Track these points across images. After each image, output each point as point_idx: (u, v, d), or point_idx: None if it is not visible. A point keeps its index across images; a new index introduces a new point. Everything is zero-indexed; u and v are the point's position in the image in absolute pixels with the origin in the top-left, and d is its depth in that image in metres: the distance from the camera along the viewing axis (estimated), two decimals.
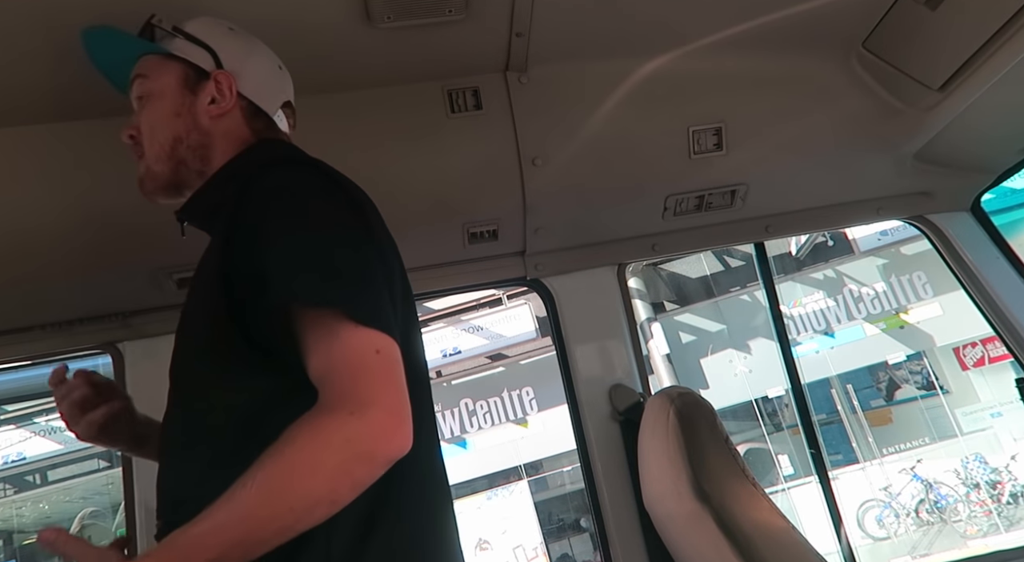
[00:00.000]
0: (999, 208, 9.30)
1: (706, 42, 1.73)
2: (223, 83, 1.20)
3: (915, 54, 1.74)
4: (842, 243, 10.77)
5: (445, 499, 1.09)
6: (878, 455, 10.89)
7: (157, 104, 1.21)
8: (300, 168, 1.07)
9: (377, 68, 1.64)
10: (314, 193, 1.02)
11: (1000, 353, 9.82)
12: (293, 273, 0.93)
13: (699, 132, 1.84)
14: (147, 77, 1.22)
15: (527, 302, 10.46)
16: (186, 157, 1.19)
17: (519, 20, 1.55)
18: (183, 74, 1.21)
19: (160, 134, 1.19)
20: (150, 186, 1.22)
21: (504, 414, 10.88)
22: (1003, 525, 9.69)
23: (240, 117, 1.22)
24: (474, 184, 1.81)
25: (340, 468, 0.86)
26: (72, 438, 5.00)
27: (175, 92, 1.21)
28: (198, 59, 1.22)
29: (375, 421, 0.87)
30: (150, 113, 1.21)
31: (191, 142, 1.19)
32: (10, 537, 11.09)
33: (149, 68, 1.23)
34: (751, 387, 10.54)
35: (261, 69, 1.27)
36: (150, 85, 1.22)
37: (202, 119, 1.20)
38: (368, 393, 0.88)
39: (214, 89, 1.20)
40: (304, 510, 0.85)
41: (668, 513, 1.66)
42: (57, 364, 1.30)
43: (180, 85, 1.21)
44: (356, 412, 0.86)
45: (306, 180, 1.04)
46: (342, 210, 1.03)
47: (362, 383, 0.89)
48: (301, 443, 0.86)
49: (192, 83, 1.21)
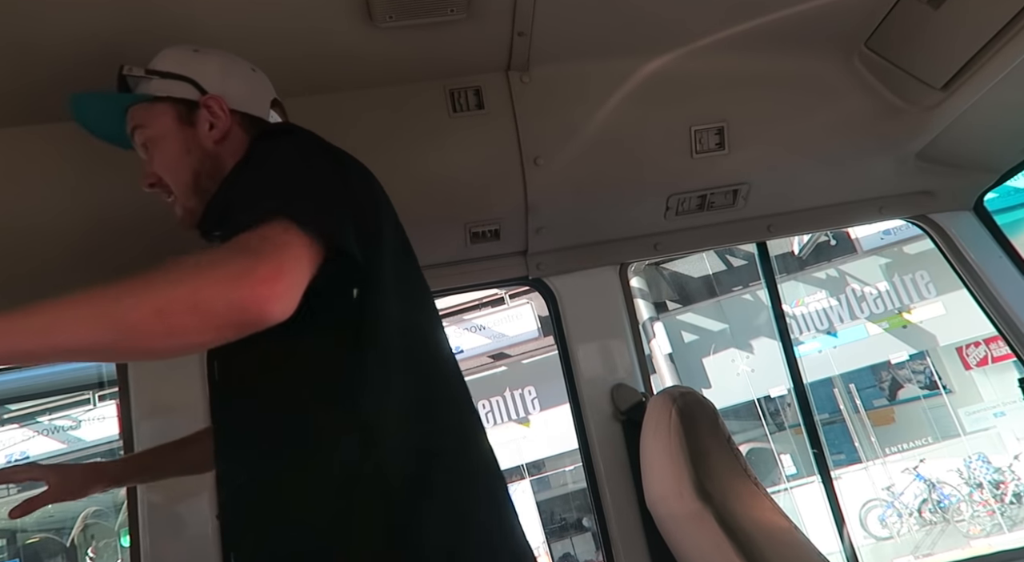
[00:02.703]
0: (1002, 207, 9.28)
1: (708, 41, 1.73)
2: (214, 106, 1.22)
3: (918, 53, 1.74)
4: (845, 242, 10.76)
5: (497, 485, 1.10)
6: (881, 455, 10.88)
7: (164, 147, 1.23)
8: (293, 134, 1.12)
9: (379, 68, 1.64)
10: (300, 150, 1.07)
11: (1003, 352, 9.79)
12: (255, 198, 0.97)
13: (701, 131, 1.84)
14: (144, 126, 1.24)
15: (529, 301, 10.46)
16: (208, 186, 1.22)
17: (521, 19, 1.55)
18: (175, 112, 1.23)
19: (181, 174, 1.22)
20: (190, 222, 1.24)
21: (506, 413, 10.89)
22: (1006, 525, 9.67)
23: (239, 131, 1.24)
24: (476, 184, 1.81)
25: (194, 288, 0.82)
26: (75, 437, 5.09)
27: (175, 131, 1.22)
28: (182, 92, 1.23)
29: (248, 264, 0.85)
30: (162, 157, 1.23)
31: (207, 171, 1.22)
32: (13, 536, 11.11)
33: (142, 117, 1.25)
34: (753, 386, 10.54)
35: (239, 79, 1.29)
36: (150, 132, 1.24)
37: (208, 146, 1.22)
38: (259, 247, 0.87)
39: (208, 115, 1.22)
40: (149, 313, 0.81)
41: (670, 513, 1.66)
42: None
43: (177, 123, 1.23)
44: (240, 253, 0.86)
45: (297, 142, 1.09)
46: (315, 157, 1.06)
47: (258, 242, 0.88)
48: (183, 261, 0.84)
49: (186, 117, 1.23)
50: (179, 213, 1.25)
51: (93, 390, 10.20)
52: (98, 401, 10.36)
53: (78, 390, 10.25)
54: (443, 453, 1.02)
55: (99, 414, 10.28)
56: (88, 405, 10.44)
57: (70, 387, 10.15)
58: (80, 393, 10.32)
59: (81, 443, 10.41)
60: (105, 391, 9.94)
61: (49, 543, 11.18)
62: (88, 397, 10.38)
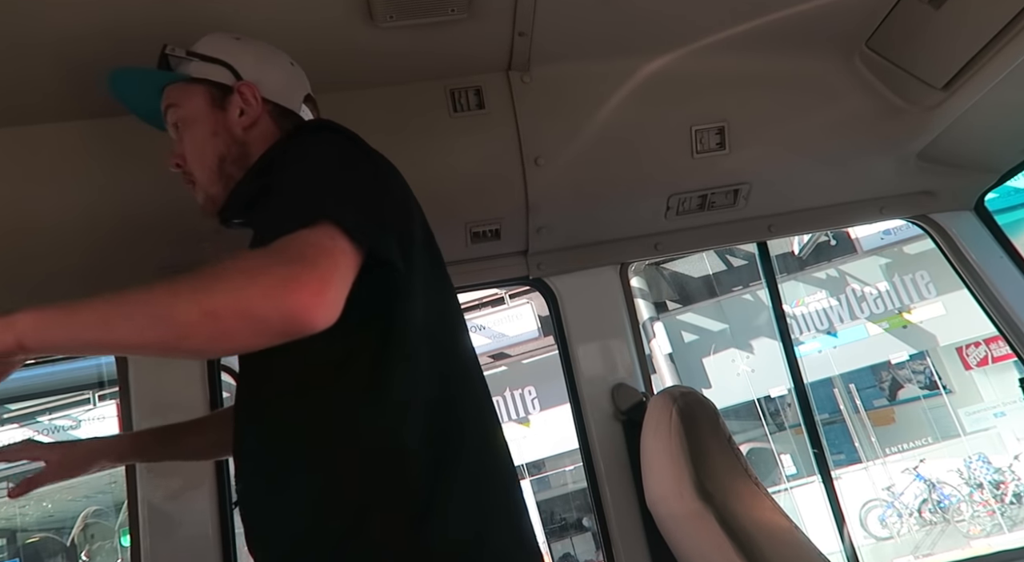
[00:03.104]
0: (1002, 207, 9.28)
1: (709, 41, 1.73)
2: (247, 93, 1.23)
3: (918, 53, 1.74)
4: (845, 242, 10.76)
5: (512, 484, 1.11)
6: (881, 455, 10.88)
7: (194, 129, 1.24)
8: (336, 132, 1.12)
9: (379, 67, 1.64)
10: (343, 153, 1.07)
11: (1003, 352, 9.80)
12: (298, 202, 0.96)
13: (702, 131, 1.84)
14: (178, 105, 1.25)
15: (529, 301, 10.46)
16: (232, 172, 1.22)
17: (522, 19, 1.55)
18: (209, 94, 1.24)
19: (206, 157, 1.23)
20: (211, 208, 1.25)
21: (506, 413, 10.89)
22: (1006, 525, 9.67)
23: (269, 120, 1.25)
24: (476, 183, 1.81)
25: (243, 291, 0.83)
26: (75, 437, 5.10)
27: (206, 113, 1.24)
28: (218, 76, 1.24)
29: (294, 270, 0.85)
30: (191, 138, 1.24)
31: (233, 156, 1.22)
32: (13, 535, 11.12)
33: (177, 96, 1.26)
34: (754, 386, 10.54)
35: (276, 70, 1.30)
36: (182, 112, 1.25)
37: (237, 132, 1.23)
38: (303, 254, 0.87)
39: (240, 101, 1.23)
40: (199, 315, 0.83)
41: (670, 512, 1.66)
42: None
43: (209, 105, 1.24)
44: (284, 260, 0.86)
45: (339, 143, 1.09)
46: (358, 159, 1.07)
47: (302, 248, 0.88)
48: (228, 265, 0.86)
49: (219, 101, 1.24)
50: (200, 200, 1.26)
51: (93, 390, 10.20)
52: (98, 401, 10.35)
53: (78, 390, 10.25)
54: (464, 451, 1.03)
55: (99, 414, 10.28)
56: (88, 405, 10.44)
57: (70, 387, 10.14)
58: (80, 393, 10.32)
59: None
60: (105, 391, 9.93)
61: (49, 542, 11.19)
62: (88, 397, 10.38)
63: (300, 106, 1.30)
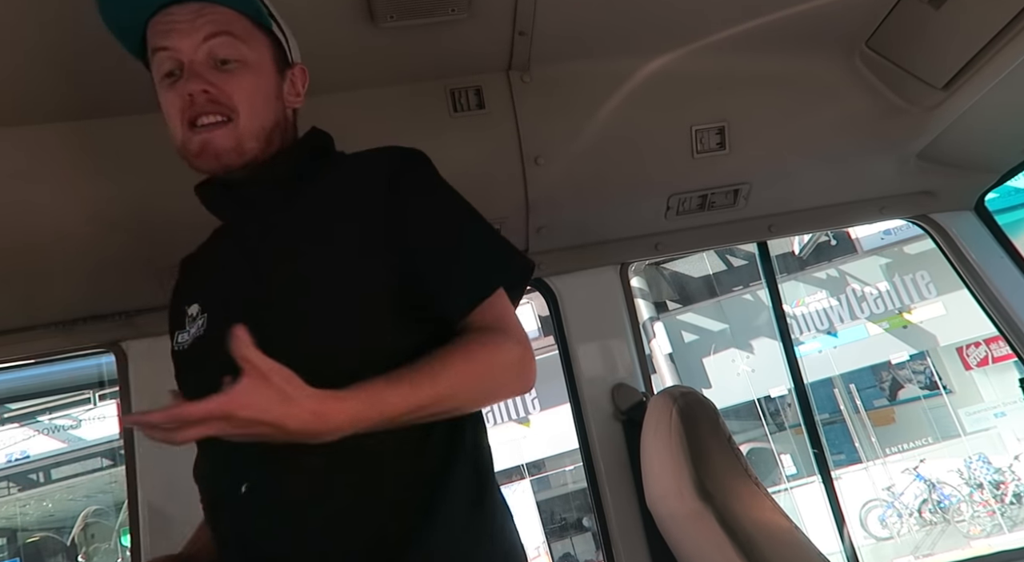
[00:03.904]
0: (1003, 207, 9.27)
1: (709, 41, 1.73)
2: (298, 79, 1.18)
3: (919, 53, 1.74)
4: (845, 242, 10.76)
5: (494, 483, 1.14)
6: (881, 455, 10.89)
7: (257, 78, 1.09)
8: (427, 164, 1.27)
9: (380, 67, 1.64)
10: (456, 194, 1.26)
11: (1004, 353, 9.79)
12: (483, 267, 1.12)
13: (702, 131, 1.84)
14: (242, 39, 1.08)
15: (529, 301, 10.45)
16: (275, 140, 1.12)
17: (522, 19, 1.55)
18: (275, 54, 1.13)
19: (263, 113, 1.10)
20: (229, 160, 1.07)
21: (506, 413, 10.89)
22: (1006, 525, 9.67)
23: (293, 115, 1.20)
24: (476, 183, 1.80)
25: (506, 374, 1.04)
26: (75, 436, 5.06)
27: (271, 71, 1.12)
28: (288, 45, 1.16)
29: (528, 353, 1.07)
30: (248, 84, 1.08)
31: (282, 127, 1.14)
32: (14, 535, 11.13)
33: (241, 29, 1.08)
34: (754, 386, 10.54)
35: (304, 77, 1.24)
36: (246, 51, 1.08)
37: (286, 108, 1.16)
38: (521, 334, 1.08)
39: (293, 81, 1.16)
40: (471, 400, 1.03)
41: (670, 512, 1.66)
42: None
43: (274, 65, 1.12)
44: (521, 343, 1.06)
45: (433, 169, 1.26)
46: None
47: (516, 328, 1.08)
48: (488, 351, 1.02)
49: (281, 67, 1.14)
50: (227, 145, 1.06)
51: (93, 389, 10.21)
52: (98, 400, 10.37)
53: (78, 389, 10.26)
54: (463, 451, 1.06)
55: (99, 413, 10.30)
56: (88, 404, 10.45)
57: (70, 386, 10.15)
58: (80, 392, 10.33)
59: (81, 442, 10.43)
60: (105, 390, 9.94)
61: (49, 542, 11.20)
62: (88, 396, 10.39)
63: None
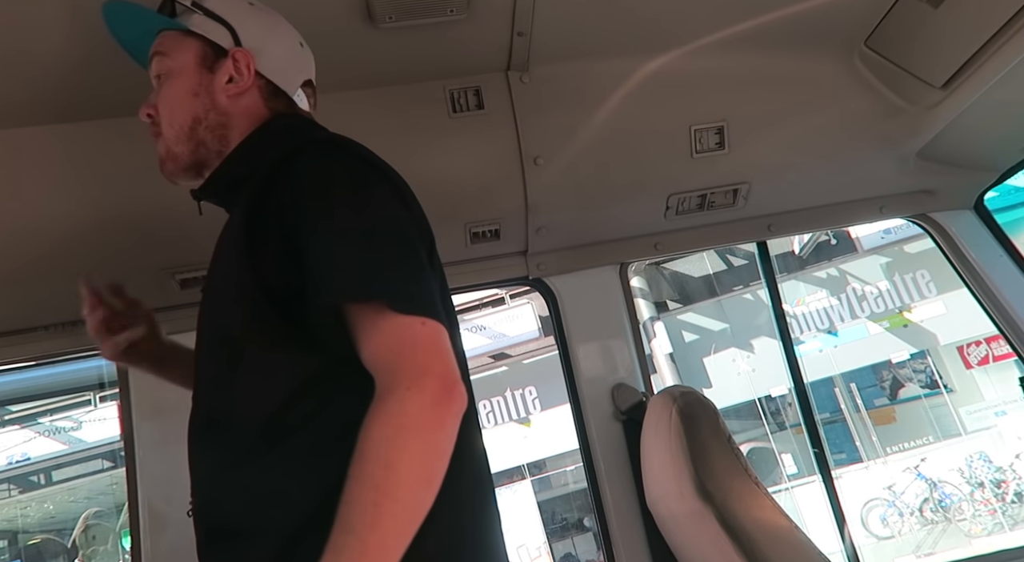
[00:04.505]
0: (1002, 206, 9.27)
1: (708, 41, 1.73)
2: (240, 61, 1.17)
3: (917, 52, 1.74)
4: (845, 242, 10.76)
5: (490, 491, 1.09)
6: (882, 454, 10.88)
7: (175, 83, 1.18)
8: (346, 152, 1.07)
9: (379, 68, 1.64)
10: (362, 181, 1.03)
11: (1004, 351, 9.79)
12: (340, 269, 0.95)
13: (701, 131, 1.84)
14: (165, 55, 1.19)
15: (530, 301, 10.46)
16: (205, 138, 1.17)
17: (520, 19, 1.55)
18: (200, 52, 1.18)
19: (179, 115, 1.17)
20: (171, 167, 1.20)
21: (507, 413, 10.89)
22: (1007, 524, 9.67)
23: (258, 96, 1.19)
24: (476, 184, 1.81)
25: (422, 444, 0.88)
26: (76, 438, 5.06)
27: (192, 71, 1.17)
28: (216, 36, 1.18)
29: (431, 389, 0.89)
30: (168, 92, 1.18)
31: (209, 122, 1.17)
32: (15, 537, 11.12)
33: (168, 45, 1.19)
34: (754, 386, 10.54)
35: (281, 47, 1.24)
36: (168, 63, 1.18)
37: (220, 98, 1.17)
38: (417, 365, 0.91)
39: (231, 67, 1.17)
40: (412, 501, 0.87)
41: (671, 512, 1.66)
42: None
43: (197, 63, 1.17)
44: (412, 386, 0.89)
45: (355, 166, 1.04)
46: (389, 201, 1.04)
47: (409, 357, 0.91)
48: (381, 438, 0.88)
49: (210, 61, 1.18)
50: (161, 152, 1.20)
51: (94, 391, 10.22)
52: (99, 402, 10.37)
53: (79, 391, 10.27)
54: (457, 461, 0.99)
55: (100, 415, 10.29)
56: (89, 406, 10.45)
57: (71, 388, 10.16)
58: (81, 394, 10.34)
59: (82, 444, 10.43)
60: (106, 392, 9.95)
61: (50, 544, 11.18)
62: (89, 398, 10.40)
63: (296, 90, 1.25)
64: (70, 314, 1.80)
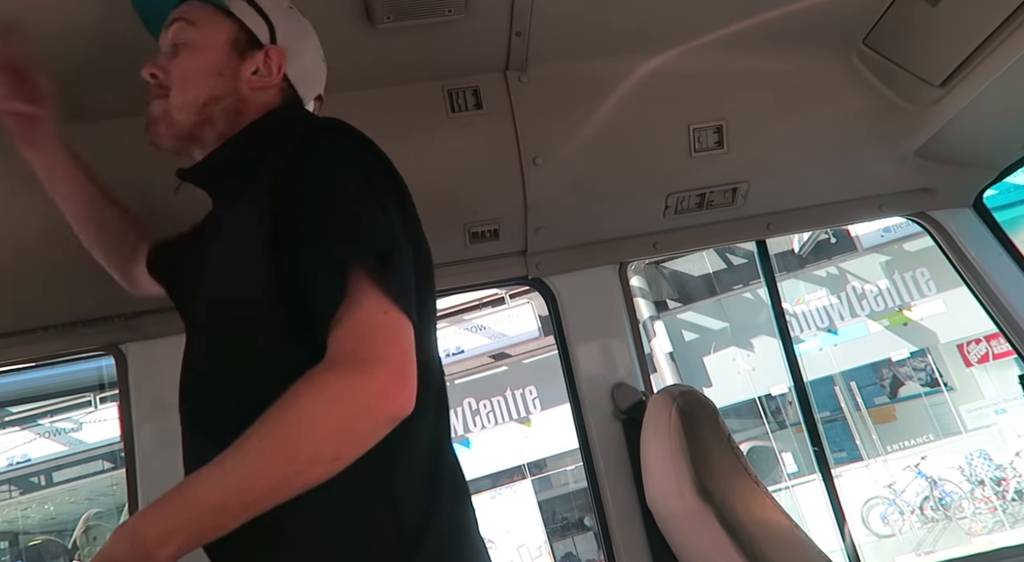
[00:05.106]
0: (1002, 204, 9.28)
1: (706, 40, 1.73)
2: (274, 60, 1.18)
3: (916, 50, 1.74)
4: (845, 240, 10.76)
5: (466, 497, 1.09)
6: (882, 452, 10.88)
7: (199, 56, 1.16)
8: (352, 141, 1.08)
9: (377, 68, 1.64)
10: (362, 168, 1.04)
11: (1004, 349, 9.79)
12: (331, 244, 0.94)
13: (700, 130, 1.84)
14: (193, 24, 1.17)
15: (529, 301, 10.46)
16: (216, 117, 1.15)
17: (519, 19, 1.55)
18: (235, 35, 1.17)
19: (195, 86, 1.15)
20: (163, 130, 1.17)
21: (507, 413, 10.89)
22: (1008, 522, 9.67)
23: (278, 96, 1.20)
24: (475, 184, 1.81)
25: (343, 423, 0.86)
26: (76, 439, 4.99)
27: (222, 51, 1.16)
28: (255, 27, 1.18)
29: (380, 379, 0.87)
30: (187, 62, 1.16)
31: (226, 105, 1.16)
32: (16, 538, 11.12)
33: (198, 16, 1.17)
34: (754, 385, 10.54)
35: (310, 57, 1.26)
36: (194, 34, 1.16)
37: (242, 86, 1.17)
38: (374, 352, 0.89)
39: (262, 61, 1.17)
40: (305, 463, 0.85)
41: (671, 511, 1.66)
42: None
43: (229, 45, 1.17)
44: (363, 370, 0.87)
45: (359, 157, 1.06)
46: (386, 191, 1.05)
47: (369, 342, 0.89)
48: (307, 397, 0.86)
49: (242, 47, 1.17)
50: (157, 112, 1.17)
51: (94, 392, 10.21)
52: (99, 403, 10.37)
53: (79, 392, 10.26)
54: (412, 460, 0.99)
55: (100, 416, 10.29)
56: (89, 407, 10.45)
57: (71, 389, 10.16)
58: (81, 395, 10.33)
59: (82, 445, 10.43)
60: (106, 393, 9.95)
61: (51, 545, 11.19)
62: (89, 399, 10.39)
63: (310, 101, 1.27)
64: (70, 315, 1.80)
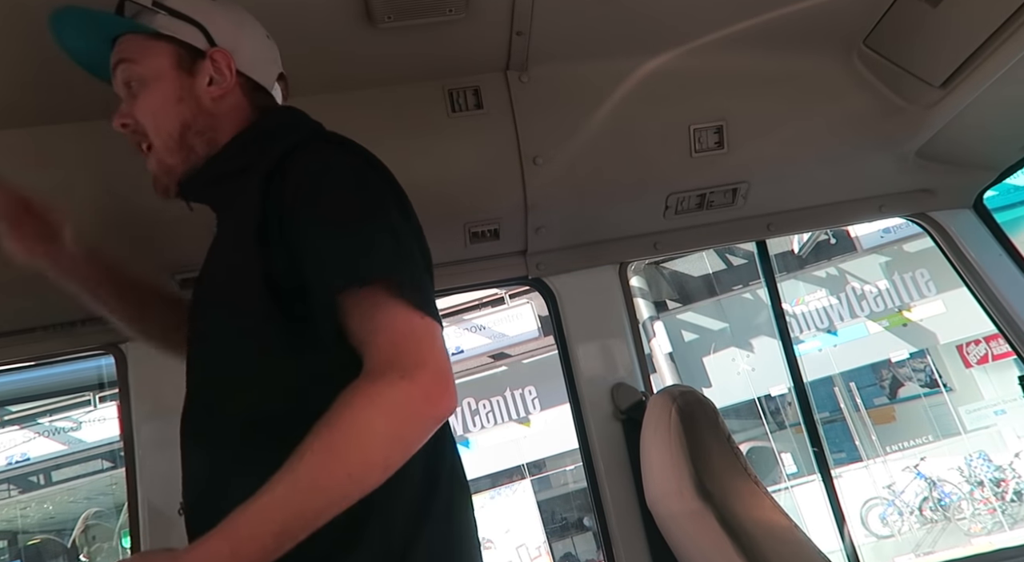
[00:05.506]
0: (1001, 205, 9.28)
1: (707, 40, 1.73)
2: (221, 62, 1.13)
3: (916, 51, 1.74)
4: (844, 241, 10.76)
5: (465, 500, 1.09)
6: (881, 453, 10.88)
7: (154, 90, 1.12)
8: (350, 151, 1.07)
9: (378, 68, 1.64)
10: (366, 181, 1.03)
11: (1004, 350, 9.79)
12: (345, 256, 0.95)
13: (700, 130, 1.84)
14: (134, 61, 1.13)
15: (529, 301, 10.46)
16: (195, 144, 1.13)
17: (519, 19, 1.55)
18: (176, 55, 1.12)
19: (166, 123, 1.12)
20: (167, 181, 1.15)
21: (507, 413, 10.89)
22: (1007, 523, 9.68)
23: (241, 94, 1.16)
24: (475, 183, 1.81)
25: (395, 430, 0.88)
26: (76, 439, 5.00)
27: (171, 75, 1.12)
28: (188, 36, 1.13)
29: (424, 383, 0.89)
30: (149, 100, 1.12)
31: (199, 127, 1.13)
32: (15, 537, 11.12)
33: (134, 50, 1.13)
34: (754, 385, 10.54)
35: (253, 41, 1.20)
36: (139, 70, 1.12)
37: (205, 101, 1.13)
38: (415, 356, 0.90)
39: (211, 68, 1.13)
40: (361, 475, 0.87)
41: (670, 512, 1.66)
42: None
43: (175, 67, 1.12)
44: (406, 375, 0.89)
45: (359, 167, 1.05)
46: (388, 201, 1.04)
47: (408, 347, 0.91)
48: (355, 409, 0.87)
49: (187, 64, 1.13)
50: (153, 167, 1.15)
51: (94, 391, 10.21)
52: (99, 402, 10.37)
53: (79, 391, 10.26)
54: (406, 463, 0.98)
55: (100, 416, 10.29)
56: (89, 406, 10.45)
57: (71, 389, 10.15)
58: (81, 394, 10.33)
59: (82, 444, 10.43)
60: (105, 393, 9.94)
61: (50, 544, 11.19)
62: (89, 398, 10.39)
63: (273, 84, 1.22)
64: (70, 314, 1.80)
